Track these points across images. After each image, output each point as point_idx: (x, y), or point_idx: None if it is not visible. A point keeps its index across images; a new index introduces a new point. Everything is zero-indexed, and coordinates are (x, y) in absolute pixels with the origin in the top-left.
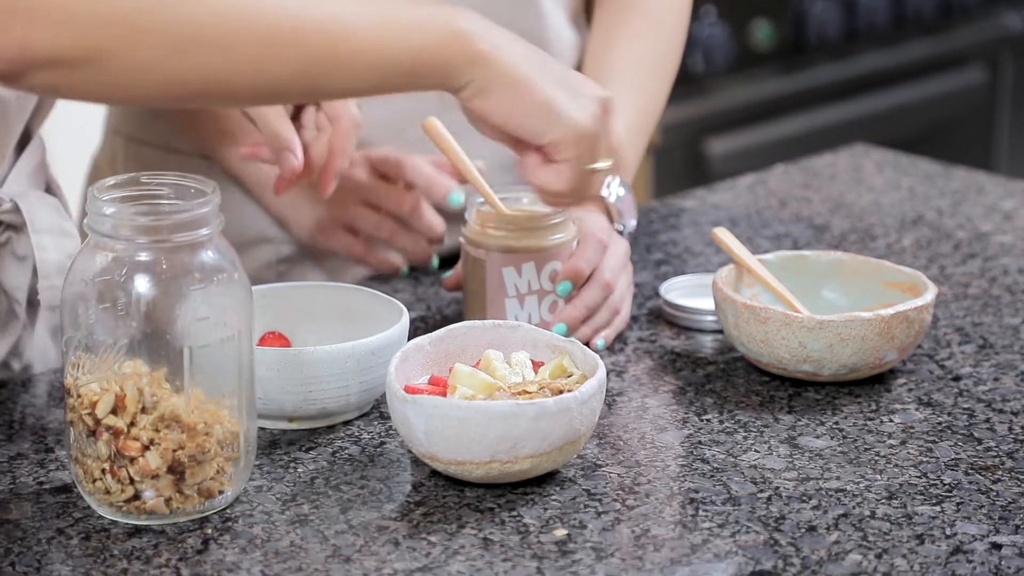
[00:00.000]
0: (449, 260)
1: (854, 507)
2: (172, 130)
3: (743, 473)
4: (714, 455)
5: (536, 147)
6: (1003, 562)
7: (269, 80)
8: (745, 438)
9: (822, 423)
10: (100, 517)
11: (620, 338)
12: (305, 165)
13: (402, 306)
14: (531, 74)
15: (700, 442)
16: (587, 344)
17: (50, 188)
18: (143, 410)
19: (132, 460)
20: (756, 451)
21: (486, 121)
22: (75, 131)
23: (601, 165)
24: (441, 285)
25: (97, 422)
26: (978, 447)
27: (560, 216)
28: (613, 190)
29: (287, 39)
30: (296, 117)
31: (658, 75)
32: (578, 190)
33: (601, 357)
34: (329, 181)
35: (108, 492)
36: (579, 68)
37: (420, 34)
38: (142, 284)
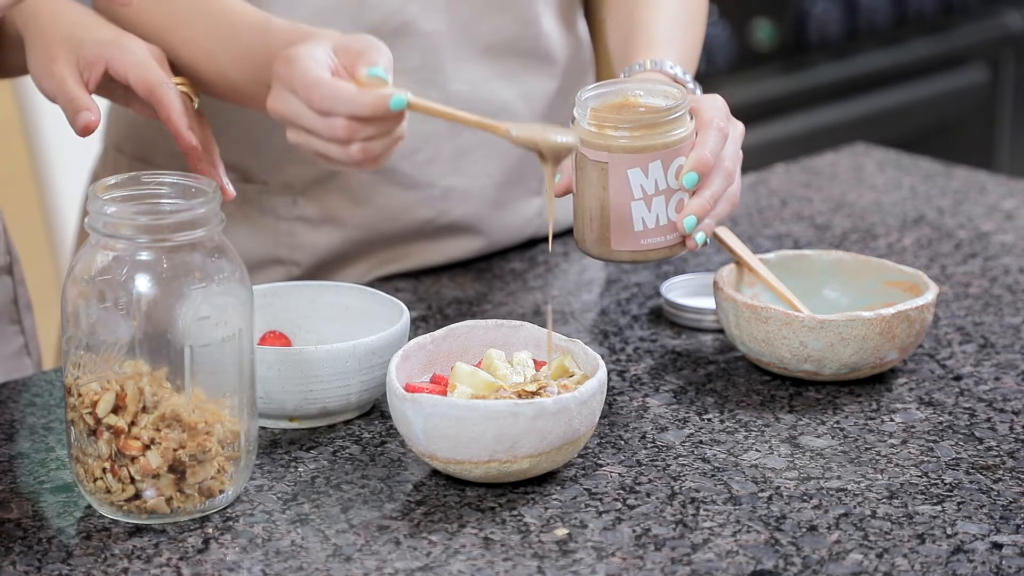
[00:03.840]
0: (450, 266)
1: (855, 507)
2: (175, 147)
3: (744, 472)
4: (715, 454)
5: None
6: (1004, 562)
7: None
8: (746, 437)
9: (823, 422)
10: (101, 516)
11: (621, 338)
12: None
13: (403, 305)
14: None
15: (701, 441)
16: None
17: None
18: (144, 409)
19: (133, 459)
20: (757, 450)
21: None
22: (74, 139)
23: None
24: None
25: (98, 421)
26: (979, 447)
27: (682, 109)
28: None
29: None
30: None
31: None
32: None
33: (602, 356)
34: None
35: (109, 491)
36: (567, 65)
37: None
38: (143, 283)
